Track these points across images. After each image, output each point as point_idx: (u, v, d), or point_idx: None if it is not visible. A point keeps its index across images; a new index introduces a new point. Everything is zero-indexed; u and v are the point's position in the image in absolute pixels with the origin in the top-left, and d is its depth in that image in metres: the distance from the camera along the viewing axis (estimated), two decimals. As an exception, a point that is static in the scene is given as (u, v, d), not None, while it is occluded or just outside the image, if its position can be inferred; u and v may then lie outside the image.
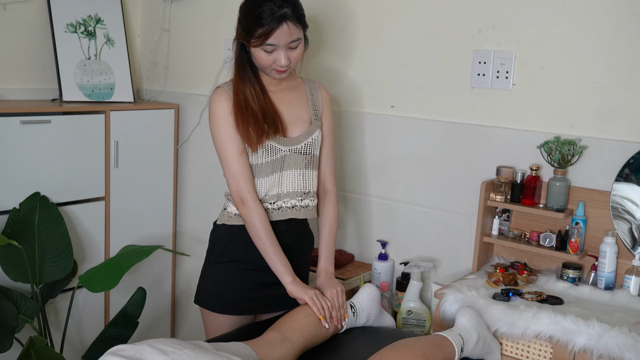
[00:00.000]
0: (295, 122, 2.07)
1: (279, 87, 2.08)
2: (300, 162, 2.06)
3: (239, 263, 2.06)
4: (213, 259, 2.10)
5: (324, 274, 2.10)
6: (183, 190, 3.21)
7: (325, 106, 2.15)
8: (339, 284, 2.06)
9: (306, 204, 2.09)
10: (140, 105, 3.05)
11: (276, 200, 2.05)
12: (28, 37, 2.85)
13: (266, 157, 2.01)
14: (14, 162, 2.55)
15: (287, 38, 1.91)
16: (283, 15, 1.88)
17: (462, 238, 2.39)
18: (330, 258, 2.14)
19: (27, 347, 2.27)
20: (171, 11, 3.15)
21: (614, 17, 2.05)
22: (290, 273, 2.00)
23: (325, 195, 2.17)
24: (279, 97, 2.07)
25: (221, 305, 2.07)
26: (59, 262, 2.56)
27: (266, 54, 1.93)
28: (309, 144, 2.07)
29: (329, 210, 2.17)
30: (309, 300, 1.95)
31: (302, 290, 1.98)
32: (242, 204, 2.00)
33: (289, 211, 2.07)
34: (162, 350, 1.50)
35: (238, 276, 2.06)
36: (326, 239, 2.15)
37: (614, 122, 2.09)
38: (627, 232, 2.06)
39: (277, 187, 2.05)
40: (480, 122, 2.34)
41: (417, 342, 1.79)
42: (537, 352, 1.87)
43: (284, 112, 2.06)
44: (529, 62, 2.22)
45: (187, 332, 3.28)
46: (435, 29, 2.40)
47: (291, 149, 2.04)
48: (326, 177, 2.17)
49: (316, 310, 1.93)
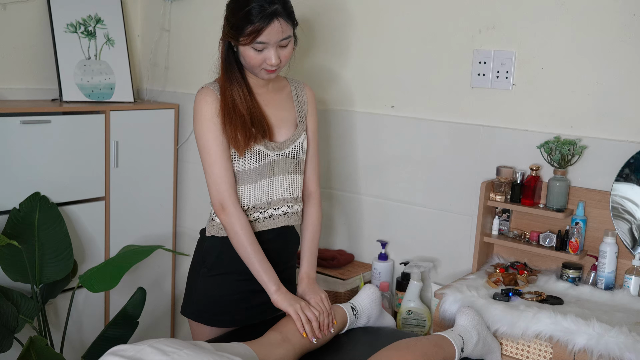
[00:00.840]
0: (280, 125, 2.00)
1: (266, 89, 2.01)
2: (288, 167, 2.01)
3: (232, 274, 1.99)
4: (205, 271, 2.01)
5: (306, 280, 2.04)
6: (183, 190, 3.21)
7: (310, 106, 2.09)
8: (322, 291, 2.00)
9: (295, 209, 2.04)
10: (140, 105, 3.05)
11: (267, 209, 1.99)
12: (28, 37, 2.85)
13: (254, 163, 1.95)
14: (14, 162, 2.55)
15: (279, 35, 1.85)
16: (274, 12, 1.82)
17: (462, 238, 2.39)
18: (313, 263, 2.08)
19: (27, 347, 2.26)
20: (171, 11, 3.15)
21: (614, 17, 2.05)
22: (275, 282, 1.93)
23: (308, 198, 2.11)
24: (266, 100, 2.01)
25: (215, 319, 2.00)
26: (59, 262, 2.55)
27: (256, 53, 1.86)
28: (296, 148, 2.01)
29: (312, 213, 2.10)
30: (293, 314, 1.88)
31: (287, 302, 1.90)
32: (222, 210, 1.92)
33: (280, 219, 2.01)
34: (162, 350, 1.50)
35: (231, 287, 1.99)
36: (309, 242, 2.09)
37: (614, 122, 2.09)
38: (627, 232, 2.06)
39: (267, 194, 1.99)
40: (480, 122, 2.34)
41: (417, 342, 1.79)
42: (537, 352, 1.87)
43: (270, 115, 1.99)
44: (529, 62, 2.22)
45: (187, 332, 3.27)
46: (435, 29, 2.40)
47: (279, 153, 1.98)
48: (310, 179, 2.10)
49: (299, 325, 1.86)
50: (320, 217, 2.13)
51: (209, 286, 2.01)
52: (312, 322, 1.88)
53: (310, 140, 2.09)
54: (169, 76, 3.21)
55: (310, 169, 2.10)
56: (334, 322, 1.94)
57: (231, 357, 1.56)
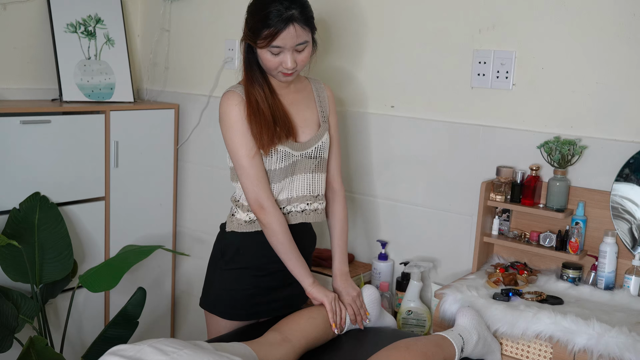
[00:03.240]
0: (304, 125, 2.04)
1: (288, 90, 2.04)
2: (309, 166, 2.04)
3: (250, 269, 2.03)
4: (223, 265, 2.05)
5: (339, 275, 2.10)
6: (183, 190, 3.21)
7: (331, 106, 2.13)
8: (356, 287, 2.07)
9: (315, 207, 2.07)
10: (140, 105, 3.05)
11: (286, 205, 2.03)
12: (28, 37, 2.85)
13: (279, 163, 1.98)
14: (14, 162, 2.55)
15: (294, 40, 1.87)
16: (290, 17, 1.84)
17: (462, 238, 2.39)
18: (344, 259, 2.14)
19: (27, 347, 2.26)
20: (171, 11, 3.15)
21: (614, 17, 2.05)
22: (310, 275, 2.01)
23: (333, 196, 2.16)
24: (289, 100, 2.04)
25: (231, 312, 2.04)
26: (59, 262, 2.55)
27: (272, 56, 1.89)
28: (319, 148, 2.04)
29: (338, 211, 2.15)
30: (327, 305, 1.96)
31: (322, 293, 1.98)
32: (261, 209, 1.96)
33: (298, 215, 2.05)
34: (162, 350, 1.50)
35: (249, 282, 2.03)
36: (338, 239, 2.14)
37: (614, 122, 2.09)
38: (627, 232, 2.06)
39: (287, 191, 2.03)
40: (480, 122, 2.34)
41: (417, 342, 1.79)
42: (537, 352, 1.87)
43: (293, 115, 2.02)
44: (529, 62, 2.22)
45: (187, 332, 3.28)
46: (436, 29, 2.40)
47: (302, 153, 2.01)
48: (334, 177, 2.15)
49: (331, 315, 1.95)
50: (347, 214, 2.19)
51: (226, 280, 2.05)
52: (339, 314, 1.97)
53: (333, 138, 2.12)
54: (169, 76, 3.21)
55: (334, 166, 2.15)
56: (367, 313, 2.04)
57: (231, 357, 1.56)
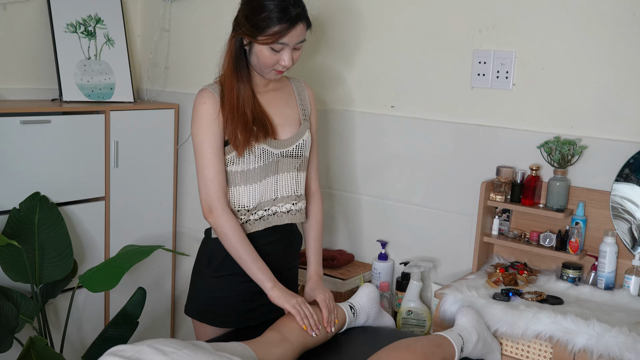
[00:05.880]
0: (284, 123, 2.01)
1: (266, 88, 2.01)
2: (293, 165, 2.01)
3: (237, 276, 1.98)
4: (210, 272, 2.01)
5: (314, 278, 2.06)
6: (183, 190, 3.21)
7: (312, 106, 2.11)
8: (327, 290, 2.02)
9: (299, 207, 2.05)
10: (140, 105, 3.05)
11: (271, 206, 2.00)
12: (28, 37, 2.85)
13: (258, 162, 1.95)
14: (14, 162, 2.55)
15: (298, 38, 1.87)
16: (298, 15, 1.84)
17: (462, 238, 2.39)
18: (320, 261, 2.10)
19: (27, 347, 2.26)
20: (171, 11, 3.15)
21: (614, 17, 2.05)
22: (270, 279, 1.92)
23: (311, 197, 2.12)
24: (267, 99, 2.01)
25: (221, 319, 2.01)
26: (59, 262, 2.55)
27: (272, 53, 1.86)
28: (300, 146, 2.02)
29: (315, 212, 2.12)
30: (291, 309, 1.88)
31: (284, 299, 1.90)
32: (210, 212, 1.93)
33: (284, 216, 2.01)
34: (161, 350, 1.50)
35: (236, 288, 2.00)
36: (315, 241, 2.11)
37: (614, 122, 2.09)
38: (627, 232, 2.06)
39: (272, 192, 1.99)
40: (480, 122, 2.34)
41: (417, 342, 1.79)
42: (537, 352, 1.87)
43: (272, 114, 1.99)
44: (529, 62, 2.22)
45: (187, 332, 3.27)
46: (436, 29, 2.40)
47: (283, 151, 1.98)
48: (312, 178, 2.12)
49: (299, 319, 1.87)
50: (323, 216, 2.15)
51: (214, 287, 2.01)
52: (310, 317, 1.88)
53: (313, 139, 2.10)
54: (169, 76, 3.21)
55: (312, 167, 2.12)
56: (336, 320, 1.95)
57: (230, 357, 1.56)
